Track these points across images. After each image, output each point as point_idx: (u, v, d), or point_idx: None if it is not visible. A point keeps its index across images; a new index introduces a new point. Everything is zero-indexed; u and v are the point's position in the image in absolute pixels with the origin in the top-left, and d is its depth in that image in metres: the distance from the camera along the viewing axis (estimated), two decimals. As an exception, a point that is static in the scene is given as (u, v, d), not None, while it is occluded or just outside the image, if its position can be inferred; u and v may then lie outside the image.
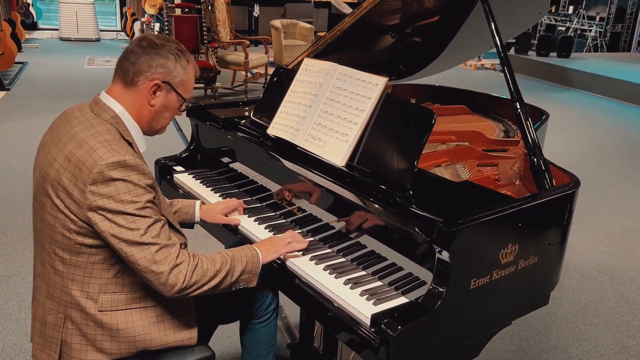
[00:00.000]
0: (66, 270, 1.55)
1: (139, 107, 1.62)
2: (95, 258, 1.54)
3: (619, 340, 2.96)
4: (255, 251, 1.73)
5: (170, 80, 1.62)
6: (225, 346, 2.71)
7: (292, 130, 2.09)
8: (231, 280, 1.64)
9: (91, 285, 1.56)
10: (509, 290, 1.68)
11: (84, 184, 1.45)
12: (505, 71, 2.07)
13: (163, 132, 1.76)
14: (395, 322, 1.42)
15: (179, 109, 1.71)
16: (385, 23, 2.81)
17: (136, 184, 1.48)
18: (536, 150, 1.92)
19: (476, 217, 1.51)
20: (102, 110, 1.59)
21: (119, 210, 1.45)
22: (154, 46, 1.60)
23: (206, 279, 1.57)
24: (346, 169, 1.86)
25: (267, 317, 1.94)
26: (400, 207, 1.63)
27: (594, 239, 4.19)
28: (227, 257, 1.64)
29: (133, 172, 1.48)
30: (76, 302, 1.56)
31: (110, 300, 1.58)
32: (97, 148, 1.47)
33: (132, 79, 1.59)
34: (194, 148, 2.61)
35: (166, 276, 1.49)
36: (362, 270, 1.74)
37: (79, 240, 1.51)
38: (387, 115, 1.86)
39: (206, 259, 1.59)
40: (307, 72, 2.17)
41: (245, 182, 2.32)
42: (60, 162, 1.51)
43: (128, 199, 1.46)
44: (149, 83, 1.59)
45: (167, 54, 1.61)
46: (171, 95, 1.65)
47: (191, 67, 1.68)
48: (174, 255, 1.52)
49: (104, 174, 1.44)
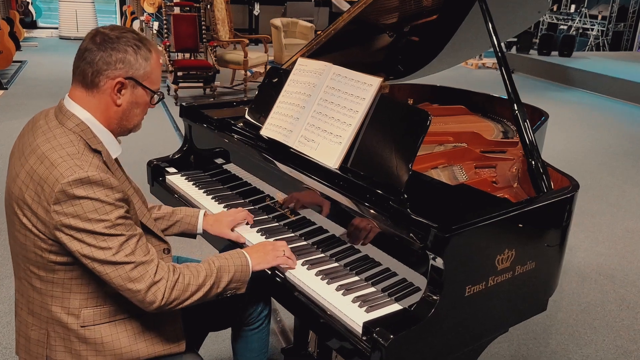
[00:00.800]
0: (44, 287, 1.48)
1: (105, 109, 1.49)
2: (72, 274, 1.47)
3: (620, 345, 2.91)
4: (245, 259, 1.64)
5: (133, 74, 1.48)
6: (217, 352, 2.67)
7: (285, 131, 2.05)
8: (217, 291, 1.57)
9: (71, 301, 1.49)
10: (506, 297, 1.64)
11: (48, 203, 1.35)
12: (502, 72, 2.03)
13: (138, 129, 1.63)
14: (387, 331, 1.38)
15: (150, 103, 1.57)
16: (383, 22, 2.76)
17: (103, 201, 1.37)
18: (534, 153, 1.88)
19: (471, 223, 1.47)
20: (65, 117, 1.46)
21: (87, 229, 1.36)
22: (108, 40, 1.45)
23: (187, 294, 1.49)
24: (339, 172, 1.82)
25: (259, 324, 1.90)
26: (394, 211, 1.59)
27: (595, 240, 4.14)
28: (213, 268, 1.56)
29: (99, 188, 1.36)
30: (57, 318, 1.50)
31: (93, 314, 1.51)
32: (58, 164, 1.36)
33: (92, 80, 1.45)
34: (187, 149, 2.57)
35: (144, 294, 1.42)
36: (355, 276, 1.69)
37: (51, 259, 1.43)
38: (382, 117, 1.82)
39: (189, 272, 1.51)
40: (301, 72, 2.13)
41: (239, 184, 2.27)
42: (23, 179, 1.41)
43: (96, 217, 1.36)
44: (111, 82, 1.46)
45: (125, 47, 1.46)
46: (138, 91, 1.51)
47: (154, 55, 1.53)
48: (152, 272, 1.43)
49: (66, 193, 1.34)
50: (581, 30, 14.95)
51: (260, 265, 1.68)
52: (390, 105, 1.83)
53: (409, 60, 3.07)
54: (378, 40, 2.92)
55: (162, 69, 7.07)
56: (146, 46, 1.52)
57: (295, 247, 1.83)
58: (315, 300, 1.61)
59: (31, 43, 11.46)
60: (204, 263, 1.58)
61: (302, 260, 1.76)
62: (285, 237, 1.90)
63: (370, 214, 1.65)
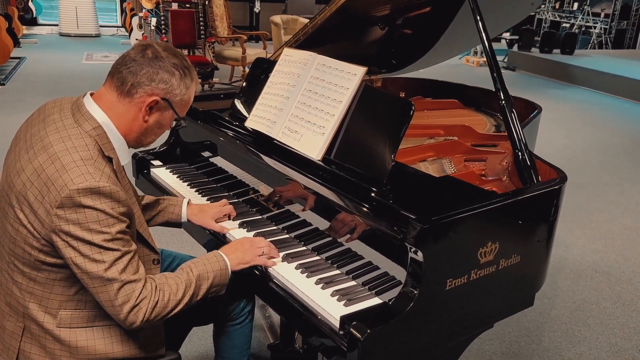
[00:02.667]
0: (25, 283, 1.45)
1: (131, 120, 1.48)
2: (57, 275, 1.43)
3: (614, 343, 2.86)
4: (224, 262, 1.60)
5: (170, 98, 1.49)
6: (197, 349, 2.63)
7: (269, 122, 2.01)
8: (196, 300, 1.53)
9: (50, 301, 1.45)
10: (490, 291, 1.59)
11: (51, 206, 1.32)
12: (490, 60, 1.98)
13: (149, 146, 1.64)
14: (364, 325, 1.34)
15: (170, 126, 1.58)
16: (374, 14, 2.72)
17: (108, 213, 1.34)
18: (520, 144, 1.83)
19: (452, 214, 1.43)
20: (84, 118, 1.44)
21: (85, 239, 1.33)
22: (159, 58, 1.46)
23: (167, 310, 1.45)
24: (322, 163, 1.78)
25: (242, 320, 1.86)
26: (375, 202, 1.55)
27: (592, 237, 4.09)
28: (192, 278, 1.51)
29: (106, 200, 1.33)
30: (33, 315, 1.46)
31: (70, 317, 1.47)
32: (70, 168, 1.33)
33: (130, 90, 1.45)
34: (173, 142, 2.53)
35: (125, 314, 1.38)
36: (336, 270, 1.65)
37: (40, 258, 1.40)
38: (365, 107, 1.78)
39: (169, 288, 1.46)
40: (286, 62, 2.09)
41: (223, 177, 2.24)
42: (28, 175, 1.37)
43: (97, 228, 1.33)
44: (148, 98, 1.46)
45: (173, 70, 1.48)
46: (167, 113, 1.52)
47: (194, 85, 1.56)
48: (137, 293, 1.39)
49: (73, 200, 1.31)
50: (584, 28, 14.87)
51: (239, 265, 1.64)
52: (374, 95, 1.79)
53: (402, 53, 3.03)
54: (370, 33, 2.88)
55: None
56: (191, 75, 1.54)
57: (276, 240, 1.80)
58: (293, 294, 1.58)
59: (31, 40, 11.44)
60: (182, 273, 1.53)
61: (283, 254, 1.72)
62: (267, 230, 1.87)
63: (351, 206, 1.61)
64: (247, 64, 7.86)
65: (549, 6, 15.27)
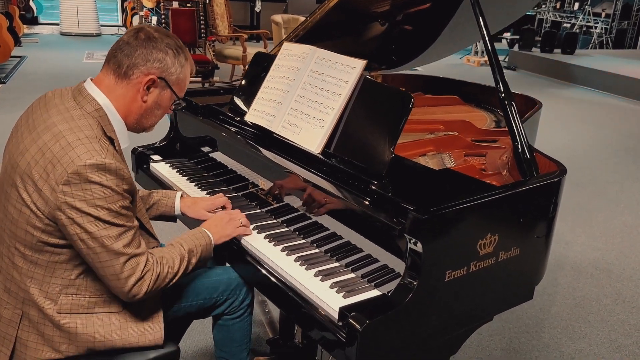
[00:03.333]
0: (25, 267, 1.46)
1: (130, 101, 1.52)
2: (59, 258, 1.45)
3: (614, 339, 2.86)
4: (208, 237, 1.68)
5: (166, 76, 1.54)
6: (197, 344, 2.63)
7: (269, 116, 2.01)
8: (186, 273, 1.59)
9: (51, 285, 1.46)
10: (489, 283, 1.59)
11: (56, 183, 1.34)
12: (490, 54, 1.98)
13: (151, 131, 1.67)
14: (363, 316, 1.34)
15: (170, 107, 1.62)
16: (374, 10, 2.71)
17: (113, 190, 1.37)
18: (520, 137, 1.83)
19: (451, 205, 1.42)
20: (85, 100, 1.47)
21: (91, 214, 1.35)
22: (152, 39, 1.51)
23: (165, 282, 1.52)
24: (322, 156, 1.77)
25: (241, 313, 1.86)
26: (374, 194, 1.54)
27: (592, 235, 4.09)
28: (184, 253, 1.58)
29: (112, 177, 1.37)
30: (34, 300, 1.47)
31: (71, 302, 1.48)
32: (76, 146, 1.36)
33: (126, 72, 1.49)
34: (172, 137, 2.53)
35: (130, 287, 1.42)
36: (335, 262, 1.65)
37: (42, 239, 1.41)
38: (365, 100, 1.78)
39: (167, 262, 1.52)
40: (286, 56, 2.09)
41: (223, 171, 2.23)
42: (33, 154, 1.39)
43: (103, 204, 1.36)
44: (144, 77, 1.50)
45: (166, 49, 1.52)
46: (165, 93, 1.57)
47: (188, 64, 1.60)
48: (142, 266, 1.44)
49: (80, 175, 1.34)
50: (585, 28, 14.86)
51: (221, 239, 1.72)
52: (374, 88, 1.79)
53: (402, 49, 3.02)
54: (370, 29, 2.88)
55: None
56: (184, 54, 1.59)
57: (276, 234, 1.80)
58: (292, 286, 1.57)
59: (32, 39, 11.46)
60: (175, 248, 1.58)
61: (282, 246, 1.72)
62: (267, 224, 1.87)
63: (351, 198, 1.61)
64: (247, 62, 7.86)
65: (549, 6, 15.27)
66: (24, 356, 1.52)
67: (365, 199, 1.55)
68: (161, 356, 1.62)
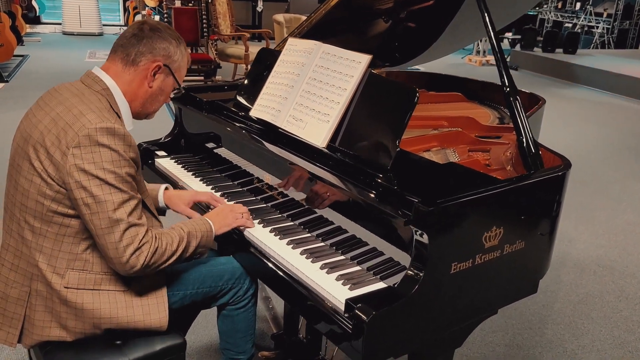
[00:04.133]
0: (34, 240, 1.51)
1: (136, 86, 1.62)
2: (66, 230, 1.50)
3: (617, 335, 2.86)
4: (209, 225, 1.71)
5: (170, 64, 1.65)
6: (202, 335, 2.64)
7: (274, 111, 2.01)
8: (185, 256, 1.63)
9: (59, 260, 1.51)
10: (494, 276, 1.59)
11: (67, 147, 1.41)
12: (495, 50, 1.98)
13: (151, 118, 1.76)
14: (369, 307, 1.34)
15: (169, 92, 1.73)
16: (377, 7, 2.72)
17: (121, 155, 1.45)
18: (525, 131, 1.83)
19: (456, 197, 1.43)
20: (93, 82, 1.58)
21: (98, 177, 1.41)
22: (156, 30, 1.63)
23: (164, 259, 1.54)
24: (327, 151, 1.78)
25: (245, 303, 1.87)
26: (380, 187, 1.55)
27: (595, 233, 4.09)
28: (184, 234, 1.61)
29: (120, 142, 1.45)
30: (42, 275, 1.52)
31: (78, 277, 1.53)
32: (87, 113, 1.45)
33: (134, 59, 1.60)
34: (177, 132, 2.54)
35: (128, 257, 1.45)
36: (341, 255, 1.66)
37: (52, 208, 1.47)
38: (370, 94, 1.78)
39: (165, 239, 1.56)
40: (291, 52, 2.09)
41: (228, 166, 2.24)
42: (46, 124, 1.48)
43: (110, 167, 1.42)
44: (151, 64, 1.61)
45: (170, 39, 1.65)
46: (168, 80, 1.68)
47: (187, 54, 1.73)
48: (140, 237, 1.48)
49: (91, 138, 1.41)
50: (586, 28, 14.86)
51: (222, 228, 1.75)
52: (379, 82, 1.80)
53: (405, 47, 3.03)
54: (373, 26, 2.88)
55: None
56: (184, 44, 1.72)
57: (282, 228, 1.80)
58: (298, 279, 1.58)
59: (34, 38, 11.49)
60: (174, 229, 1.62)
61: (287, 240, 1.73)
62: (272, 218, 1.87)
63: (357, 192, 1.61)
64: (249, 61, 7.87)
65: (551, 6, 15.27)
66: (32, 335, 1.56)
67: (371, 192, 1.56)
68: (168, 347, 1.64)
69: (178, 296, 1.73)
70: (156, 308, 1.62)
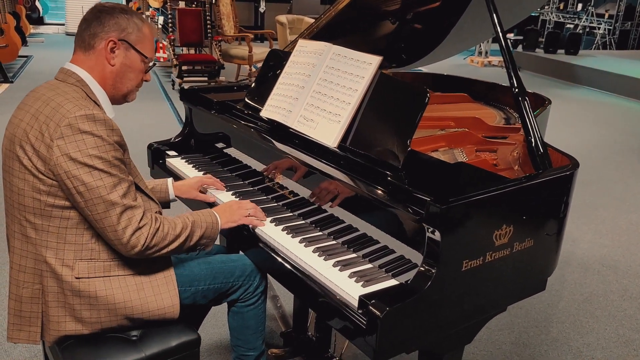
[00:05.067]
0: (38, 237, 1.54)
1: (101, 69, 1.62)
2: (68, 222, 1.53)
3: (622, 334, 2.89)
4: (215, 217, 1.76)
5: (125, 37, 1.63)
6: (211, 336, 2.67)
7: (285, 112, 2.04)
8: (189, 245, 1.66)
9: (66, 252, 1.55)
10: (503, 273, 1.62)
11: (51, 139, 1.45)
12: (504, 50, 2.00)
13: (132, 99, 1.75)
14: (383, 303, 1.37)
15: (144, 71, 1.71)
16: (385, 8, 2.75)
17: (104, 139, 1.48)
18: (533, 131, 1.86)
19: (468, 196, 1.46)
20: (66, 75, 1.61)
21: (87, 164, 1.45)
22: (104, 9, 1.63)
23: (165, 242, 1.59)
24: (338, 150, 1.81)
25: (255, 300, 1.90)
26: (391, 186, 1.58)
27: (599, 232, 4.12)
28: (188, 222, 1.66)
29: (102, 127, 1.48)
30: (52, 269, 1.55)
31: (87, 267, 1.56)
32: (64, 104, 1.48)
33: (89, 43, 1.61)
34: (187, 133, 2.57)
35: (128, 237, 1.50)
36: (353, 253, 1.69)
37: (49, 202, 1.50)
38: (381, 95, 1.81)
39: (167, 223, 1.60)
40: (301, 53, 2.12)
41: (238, 166, 2.27)
42: (27, 121, 1.51)
43: (96, 154, 1.46)
44: (104, 42, 1.61)
45: (118, 14, 1.63)
46: (131, 54, 1.65)
47: (146, 25, 1.69)
48: (138, 218, 1.52)
49: (72, 127, 1.45)
50: (588, 29, 14.88)
51: (228, 223, 1.79)
52: (390, 83, 1.83)
53: (411, 48, 3.06)
54: (380, 27, 2.91)
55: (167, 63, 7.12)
56: (138, 16, 1.68)
57: (294, 226, 1.83)
58: (312, 276, 1.61)
59: (37, 39, 11.52)
60: (179, 217, 1.66)
61: (300, 238, 1.76)
62: (283, 217, 1.90)
63: (369, 191, 1.64)
64: (253, 62, 7.90)
65: (553, 7, 15.29)
66: (49, 332, 1.59)
67: (383, 190, 1.59)
68: (183, 343, 1.67)
69: (190, 292, 1.76)
70: (166, 287, 1.67)
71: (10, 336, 1.62)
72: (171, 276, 1.68)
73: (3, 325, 2.67)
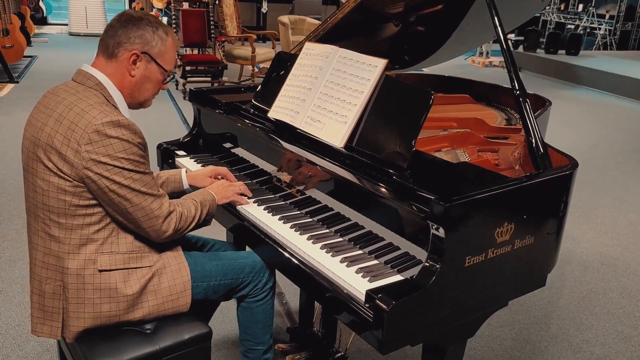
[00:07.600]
0: (62, 235, 1.60)
1: (121, 77, 1.68)
2: (91, 219, 1.61)
3: (620, 330, 2.95)
4: (212, 195, 1.90)
5: (148, 50, 1.69)
6: (219, 331, 2.72)
7: (292, 113, 2.10)
8: (198, 223, 1.80)
9: (88, 247, 1.62)
10: (505, 269, 1.68)
11: (79, 144, 1.52)
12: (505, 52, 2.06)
13: (148, 106, 1.82)
14: (389, 297, 1.43)
15: (162, 82, 1.78)
16: (388, 11, 2.81)
17: (130, 142, 1.56)
18: (534, 131, 1.92)
19: (471, 194, 1.52)
20: (85, 78, 1.66)
21: (116, 166, 1.54)
22: (131, 19, 1.68)
23: (186, 224, 1.74)
24: (345, 150, 1.87)
25: (264, 296, 1.96)
26: (397, 185, 1.64)
27: (598, 231, 4.18)
28: (197, 203, 1.80)
29: (127, 131, 1.56)
30: (74, 266, 1.61)
31: (109, 259, 1.64)
32: (89, 110, 1.55)
33: (113, 51, 1.66)
34: (196, 133, 2.63)
35: (160, 224, 1.63)
36: (359, 250, 1.75)
37: (74, 202, 1.57)
38: (386, 97, 1.87)
39: (184, 207, 1.75)
40: (308, 55, 2.18)
41: (246, 166, 2.33)
42: (52, 126, 1.56)
43: (124, 156, 1.55)
44: (128, 53, 1.66)
45: (145, 26, 1.68)
46: (151, 66, 1.71)
47: (170, 39, 1.74)
48: (166, 205, 1.67)
49: (100, 133, 1.52)
50: (589, 30, 14.93)
51: (222, 200, 1.95)
52: (395, 85, 1.88)
53: (414, 49, 3.11)
54: (384, 29, 2.97)
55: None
56: (164, 29, 1.73)
57: (301, 224, 1.89)
58: (320, 272, 1.66)
59: (41, 39, 11.57)
60: (187, 200, 1.79)
61: (308, 235, 1.81)
62: (291, 215, 1.96)
63: (374, 189, 1.70)
64: (256, 63, 7.96)
65: (554, 7, 15.34)
66: (69, 327, 1.65)
67: (389, 189, 1.65)
68: (195, 337, 1.73)
69: (202, 287, 1.82)
70: (179, 273, 1.75)
71: (34, 329, 1.68)
72: (185, 269, 1.76)
73: (16, 320, 2.73)
